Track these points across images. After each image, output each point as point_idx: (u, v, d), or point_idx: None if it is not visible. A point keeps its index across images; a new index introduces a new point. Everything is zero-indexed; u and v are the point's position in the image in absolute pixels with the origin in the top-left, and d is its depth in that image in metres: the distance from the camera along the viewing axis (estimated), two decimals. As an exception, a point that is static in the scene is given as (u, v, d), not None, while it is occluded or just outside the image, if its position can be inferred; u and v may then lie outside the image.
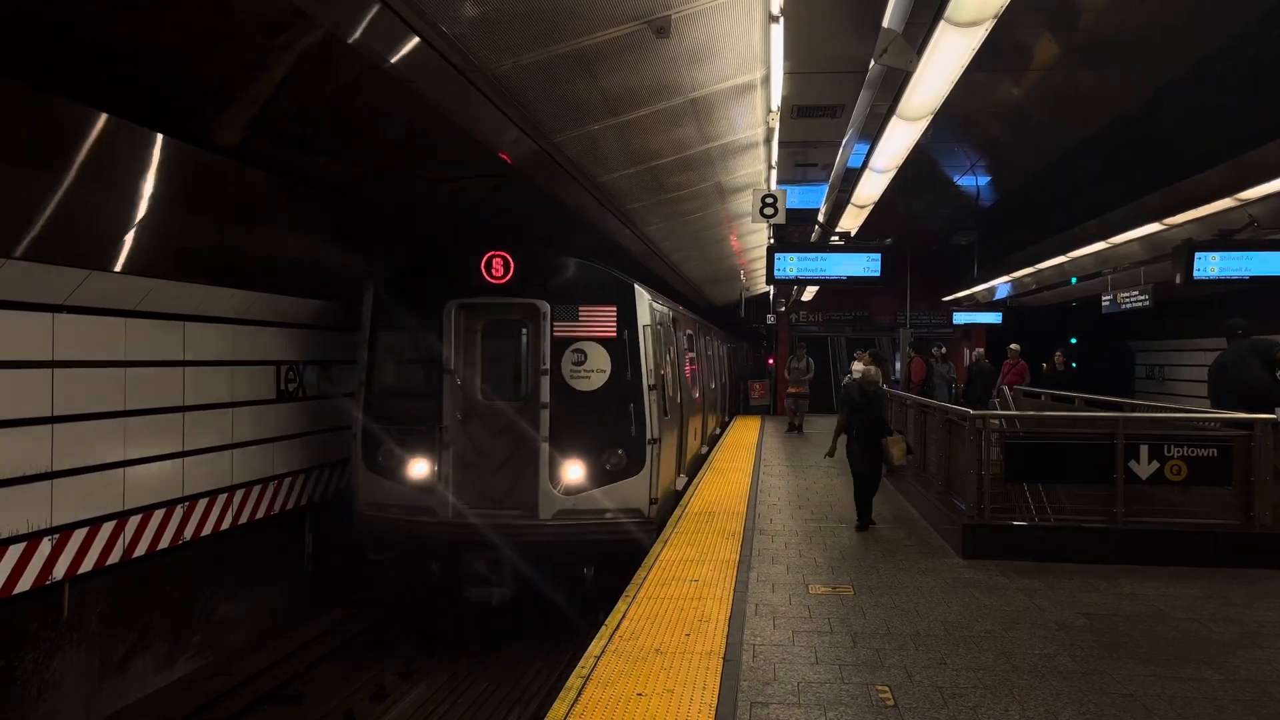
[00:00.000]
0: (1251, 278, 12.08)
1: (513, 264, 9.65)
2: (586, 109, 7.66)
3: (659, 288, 14.52)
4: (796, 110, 9.60)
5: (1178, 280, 12.32)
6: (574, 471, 9.40)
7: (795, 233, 19.96)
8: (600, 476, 9.44)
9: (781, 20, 6.17)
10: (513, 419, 9.60)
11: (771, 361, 29.75)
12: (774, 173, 11.17)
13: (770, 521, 10.16)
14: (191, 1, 5.43)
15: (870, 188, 12.02)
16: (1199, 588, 7.41)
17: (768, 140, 9.78)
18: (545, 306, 9.56)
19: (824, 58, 8.06)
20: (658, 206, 12.18)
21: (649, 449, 9.50)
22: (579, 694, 5.09)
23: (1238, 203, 11.10)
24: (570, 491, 9.40)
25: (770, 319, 29.18)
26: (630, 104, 7.77)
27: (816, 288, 22.12)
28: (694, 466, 14.27)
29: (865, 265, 12.85)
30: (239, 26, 5.66)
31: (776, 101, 8.17)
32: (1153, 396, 24.46)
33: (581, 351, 9.54)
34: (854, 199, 12.81)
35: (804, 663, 5.65)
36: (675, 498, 11.38)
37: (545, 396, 9.47)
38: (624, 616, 6.49)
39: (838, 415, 10.55)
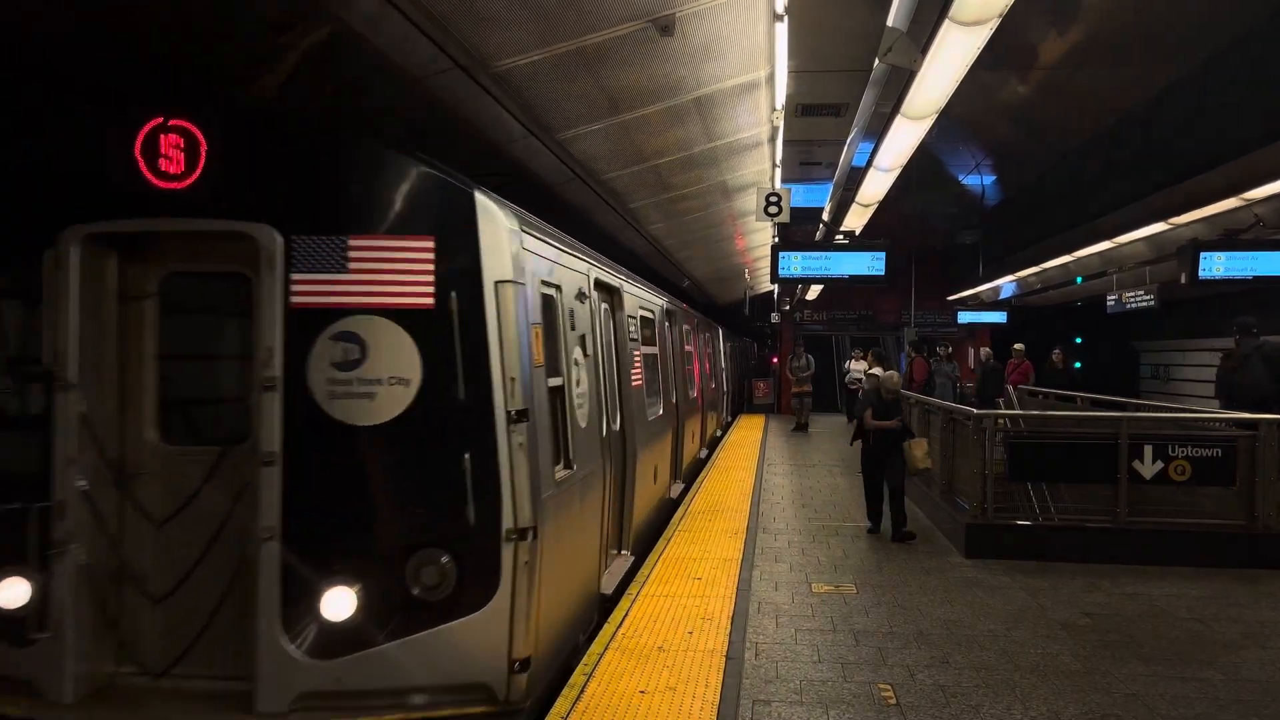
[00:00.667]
0: (1256, 277, 12.07)
1: (205, 146, 4.62)
2: (590, 107, 7.66)
3: (664, 287, 14.24)
4: (800, 109, 9.58)
5: (1183, 280, 12.32)
6: (338, 604, 4.42)
7: (799, 231, 19.96)
8: (399, 615, 4.48)
9: (786, 18, 6.17)
10: (207, 489, 4.73)
11: (775, 360, 29.74)
12: (778, 171, 11.17)
13: (774, 520, 10.17)
14: None
15: (875, 186, 12.02)
16: (1202, 588, 7.40)
17: (772, 139, 9.78)
18: (274, 239, 4.55)
19: (828, 56, 8.05)
20: (662, 205, 12.18)
21: (509, 551, 4.54)
22: (582, 691, 5.11)
23: (1243, 202, 11.08)
24: (331, 649, 4.42)
25: (774, 318, 29.17)
26: (634, 102, 7.78)
27: (821, 286, 22.14)
28: (651, 531, 9.30)
29: (869, 264, 12.87)
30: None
31: (781, 100, 8.17)
32: (1157, 396, 24.45)
33: (355, 339, 4.57)
34: (858, 198, 12.82)
35: (806, 661, 5.66)
36: (593, 612, 6.45)
37: (273, 441, 4.48)
38: (626, 614, 6.50)
39: (857, 417, 9.98)
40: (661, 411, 10.30)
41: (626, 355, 8.25)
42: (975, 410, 9.84)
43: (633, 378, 8.43)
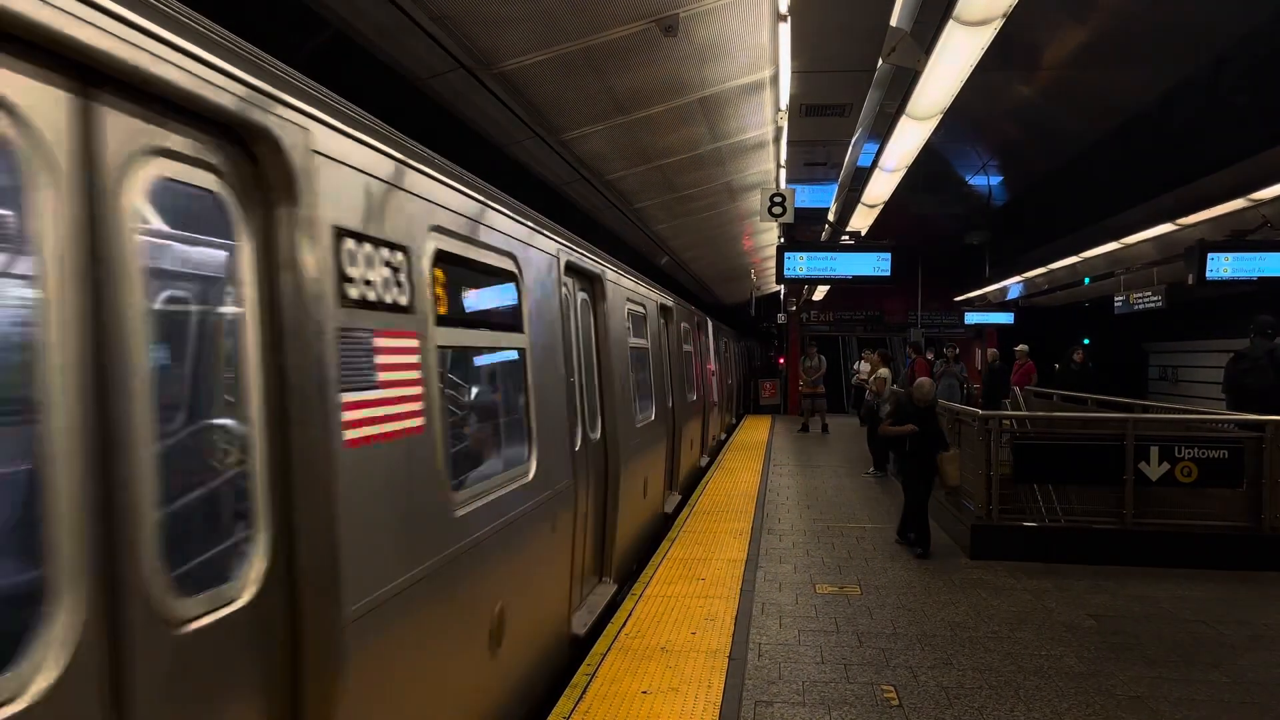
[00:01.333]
0: (1262, 278, 12.03)
1: None
2: (595, 107, 7.67)
3: (670, 287, 13.99)
4: (805, 109, 9.58)
5: (1190, 280, 12.29)
6: None
7: (807, 231, 19.94)
8: None
9: (789, 19, 6.17)
10: None
11: (782, 361, 29.70)
12: (783, 172, 11.16)
13: (779, 521, 10.15)
14: None
15: (880, 187, 11.99)
16: (1208, 590, 7.37)
17: (777, 139, 9.77)
18: None
19: (832, 56, 8.07)
20: (667, 205, 12.18)
21: None
22: (584, 690, 5.10)
23: (1250, 203, 11.05)
24: None
25: (781, 318, 29.15)
26: (639, 103, 7.79)
27: (828, 287, 22.10)
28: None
29: (875, 265, 12.87)
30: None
31: (785, 100, 8.17)
32: (1166, 398, 24.37)
33: None
34: (864, 198, 12.79)
35: (809, 662, 5.65)
36: None
37: None
38: (630, 614, 6.50)
39: (887, 419, 9.12)
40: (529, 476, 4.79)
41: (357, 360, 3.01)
42: (980, 411, 9.80)
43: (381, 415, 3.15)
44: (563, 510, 5.46)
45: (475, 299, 4.59)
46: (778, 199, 10.42)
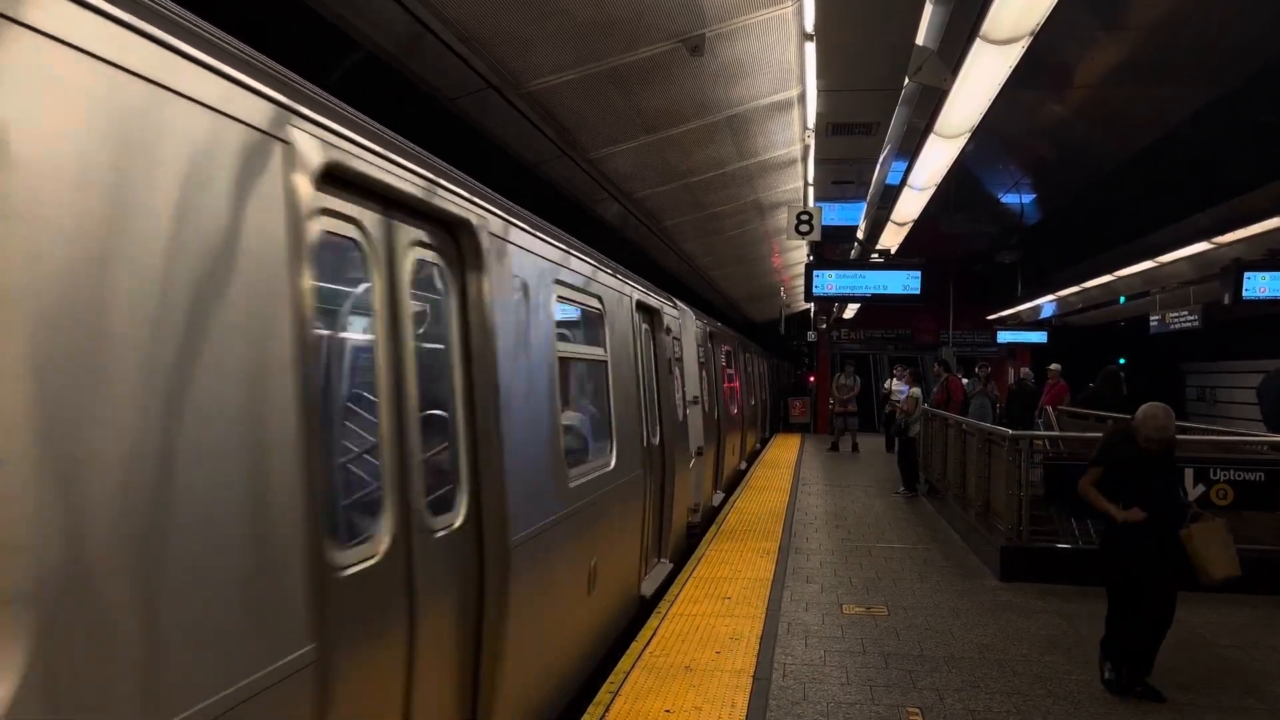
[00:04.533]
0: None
1: None
2: (622, 126, 7.72)
3: (700, 305, 14.02)
4: (831, 128, 9.54)
5: (1226, 300, 12.12)
6: None
7: (837, 249, 19.88)
8: None
9: (815, 38, 6.19)
10: None
11: (812, 379, 29.56)
12: (811, 190, 11.15)
13: (806, 540, 10.09)
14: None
15: (909, 205, 11.96)
16: (1245, 615, 7.23)
17: (804, 157, 9.78)
18: None
19: (858, 75, 8.04)
20: (696, 223, 12.21)
21: None
22: (607, 709, 5.10)
23: (1288, 221, 10.89)
24: None
25: (811, 336, 29.04)
26: (666, 121, 7.83)
27: (858, 305, 22.00)
28: None
29: (905, 283, 12.82)
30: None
31: (812, 119, 8.18)
32: (1204, 419, 23.98)
33: None
34: (893, 216, 12.75)
35: (835, 683, 5.60)
36: None
37: None
38: (655, 633, 6.48)
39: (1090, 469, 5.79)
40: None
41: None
42: (1010, 431, 9.69)
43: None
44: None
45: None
46: (805, 217, 10.42)
